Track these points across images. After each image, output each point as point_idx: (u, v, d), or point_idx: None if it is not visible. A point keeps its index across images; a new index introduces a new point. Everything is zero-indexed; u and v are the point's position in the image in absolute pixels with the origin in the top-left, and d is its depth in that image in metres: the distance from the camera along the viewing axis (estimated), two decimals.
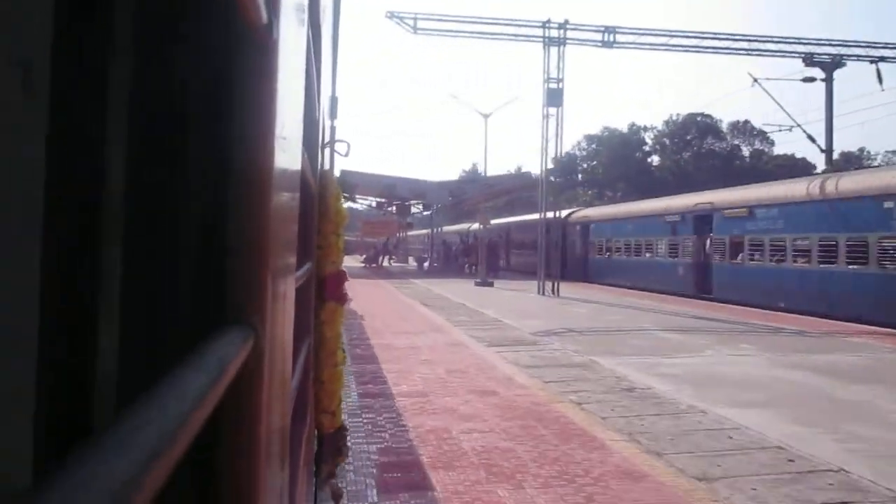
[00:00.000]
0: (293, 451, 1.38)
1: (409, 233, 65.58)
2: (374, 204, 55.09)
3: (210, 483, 0.66)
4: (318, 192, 2.74)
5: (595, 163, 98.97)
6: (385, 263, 51.57)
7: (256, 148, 0.72)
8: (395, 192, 44.67)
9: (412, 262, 55.57)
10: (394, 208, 55.71)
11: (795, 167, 72.42)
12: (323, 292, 2.96)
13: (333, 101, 3.87)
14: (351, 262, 50.27)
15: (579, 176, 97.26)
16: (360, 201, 54.17)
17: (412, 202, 53.96)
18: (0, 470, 0.54)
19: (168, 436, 0.35)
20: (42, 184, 0.58)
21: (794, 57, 30.25)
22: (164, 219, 0.72)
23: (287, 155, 0.86)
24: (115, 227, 0.69)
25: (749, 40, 29.03)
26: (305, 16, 1.19)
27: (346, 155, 3.77)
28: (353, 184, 38.73)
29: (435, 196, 46.46)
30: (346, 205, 4.03)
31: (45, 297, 0.58)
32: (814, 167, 77.89)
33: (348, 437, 3.57)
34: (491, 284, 29.72)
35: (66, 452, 0.64)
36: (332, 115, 3.90)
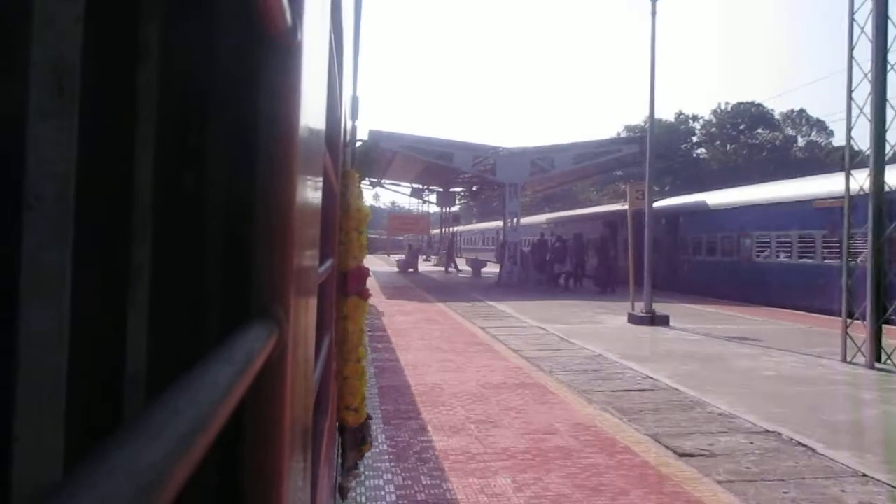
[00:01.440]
0: (315, 443, 1.40)
1: (456, 228, 51.20)
2: (408, 192, 43.78)
3: (234, 473, 0.68)
4: (340, 190, 2.76)
5: (637, 154, 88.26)
6: (448, 269, 38.04)
7: (281, 147, 0.73)
8: (453, 163, 27.97)
9: (463, 268, 39.32)
10: (434, 196, 44.08)
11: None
12: (345, 287, 3.00)
13: (354, 100, 3.89)
14: (378, 264, 40.55)
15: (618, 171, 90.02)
16: (390, 188, 42.32)
17: (458, 189, 42.41)
18: (32, 462, 0.56)
19: (198, 426, 0.37)
20: (73, 182, 0.60)
21: None
22: (192, 216, 0.74)
23: (310, 154, 0.88)
24: (144, 224, 0.71)
25: None
26: (328, 18, 1.21)
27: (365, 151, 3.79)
28: (388, 154, 27.55)
29: (510, 170, 27.85)
30: (367, 202, 4.05)
31: (75, 293, 0.60)
32: None
33: (372, 427, 3.59)
34: (665, 321, 15.14)
35: (95, 444, 0.66)
36: (354, 114, 3.92)
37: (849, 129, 11.61)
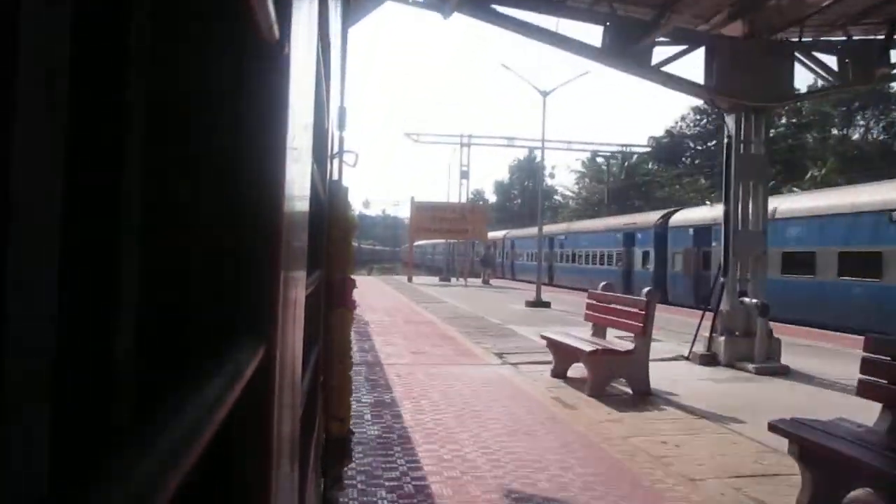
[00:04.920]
0: (302, 455, 1.39)
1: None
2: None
3: (223, 484, 0.67)
4: (327, 201, 2.76)
5: (714, 143, 60.91)
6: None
7: (269, 159, 0.74)
8: None
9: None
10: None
11: None
12: (332, 299, 2.99)
13: (342, 111, 3.90)
14: (404, 317, 15.76)
15: (684, 160, 64.78)
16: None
17: None
18: (17, 471, 0.56)
19: (188, 438, 0.37)
20: (61, 190, 0.60)
21: None
22: (179, 228, 0.74)
23: (298, 165, 0.88)
24: (132, 234, 0.71)
25: None
26: (315, 29, 1.21)
27: (354, 165, 3.80)
28: None
29: None
30: (356, 210, 4.00)
31: (62, 303, 0.60)
32: None
33: (353, 442, 3.58)
34: None
35: (82, 456, 0.66)
36: (341, 125, 3.93)
37: None
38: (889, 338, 4.79)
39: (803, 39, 10.63)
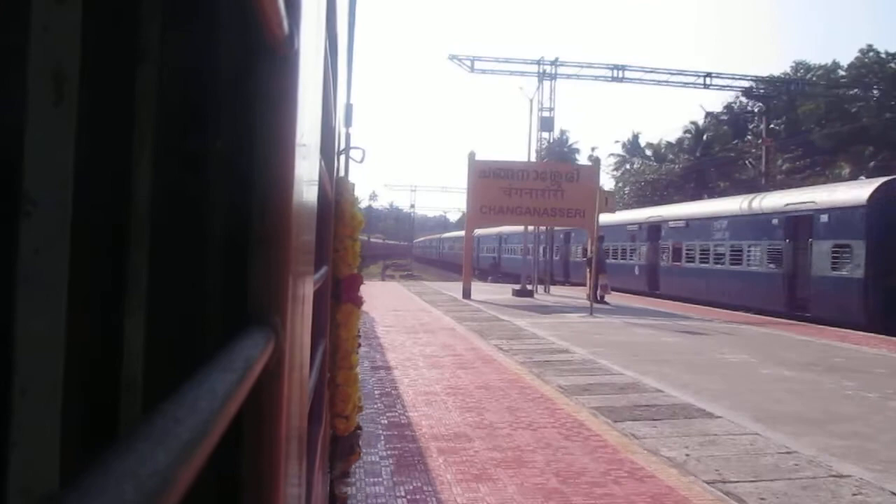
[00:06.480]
0: (310, 452, 1.40)
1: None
2: None
3: (232, 480, 0.68)
4: (334, 198, 2.77)
5: (781, 121, 53.98)
6: None
7: (278, 154, 0.74)
8: None
9: None
10: None
11: None
12: (339, 294, 3.00)
13: (349, 108, 3.89)
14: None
15: (747, 138, 55.57)
16: None
17: None
18: (28, 468, 0.56)
19: (200, 433, 0.37)
20: (70, 188, 0.60)
21: None
22: (189, 223, 0.74)
23: (306, 161, 0.88)
24: (141, 231, 0.71)
25: None
26: (323, 25, 1.21)
27: (361, 161, 3.80)
28: None
29: None
30: (364, 203, 4.02)
31: (73, 299, 0.60)
32: None
33: (361, 437, 3.59)
34: None
35: (92, 451, 0.66)
36: (348, 122, 3.93)
37: None
38: None
39: None
